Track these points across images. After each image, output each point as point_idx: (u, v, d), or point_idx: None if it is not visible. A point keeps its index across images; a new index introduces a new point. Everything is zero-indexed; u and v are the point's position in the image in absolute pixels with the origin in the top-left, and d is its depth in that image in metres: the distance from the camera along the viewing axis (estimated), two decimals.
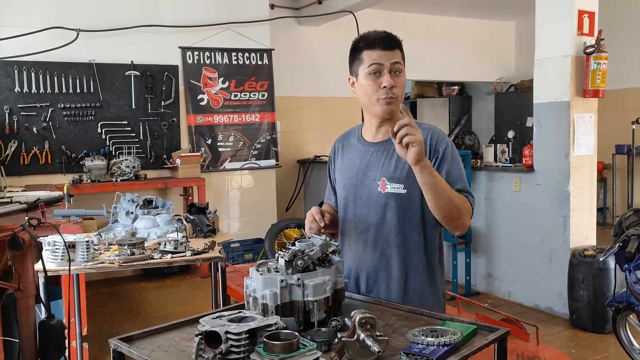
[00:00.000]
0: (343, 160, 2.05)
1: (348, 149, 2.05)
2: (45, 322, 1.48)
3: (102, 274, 6.02)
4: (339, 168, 2.07)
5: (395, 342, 1.53)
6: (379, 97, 1.87)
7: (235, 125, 6.73)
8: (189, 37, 6.39)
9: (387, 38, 1.89)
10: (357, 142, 2.03)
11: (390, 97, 1.86)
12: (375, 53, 1.87)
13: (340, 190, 2.05)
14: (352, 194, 1.98)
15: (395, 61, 1.87)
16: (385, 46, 1.87)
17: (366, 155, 1.97)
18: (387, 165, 1.91)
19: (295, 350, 1.28)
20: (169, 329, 1.68)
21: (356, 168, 1.98)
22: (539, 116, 4.75)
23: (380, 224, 1.91)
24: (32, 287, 1.44)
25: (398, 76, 1.88)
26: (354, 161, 2.00)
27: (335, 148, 2.12)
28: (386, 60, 1.86)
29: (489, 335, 1.54)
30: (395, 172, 1.89)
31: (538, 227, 4.79)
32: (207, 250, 2.73)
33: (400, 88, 1.89)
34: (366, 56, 1.88)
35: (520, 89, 9.15)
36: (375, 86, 1.87)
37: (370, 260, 1.94)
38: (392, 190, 1.89)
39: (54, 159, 5.78)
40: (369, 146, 1.97)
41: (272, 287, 1.62)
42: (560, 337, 4.27)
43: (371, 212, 1.92)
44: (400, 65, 1.89)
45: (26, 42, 5.55)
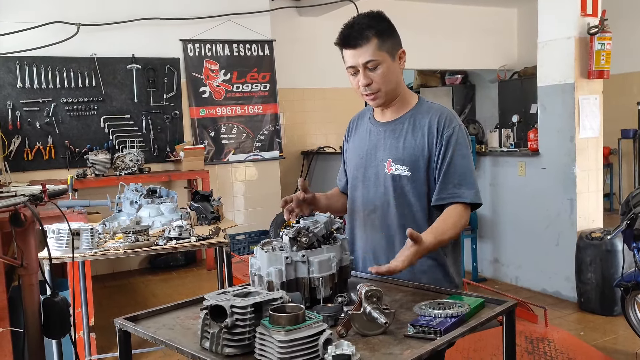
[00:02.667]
0: (355, 139, 2.04)
1: (360, 128, 2.03)
2: (49, 299, 1.47)
3: (108, 268, 6.04)
4: (351, 148, 2.05)
5: (402, 317, 1.52)
6: (361, 93, 1.87)
7: (238, 117, 6.72)
8: (189, 30, 6.37)
9: (353, 34, 1.80)
10: (368, 121, 2.01)
11: (369, 93, 1.84)
12: (348, 53, 1.83)
13: (350, 170, 2.03)
14: (361, 174, 1.97)
15: (367, 60, 1.79)
16: (354, 45, 1.80)
17: (376, 135, 1.95)
18: (394, 146, 1.88)
19: (301, 322, 1.27)
20: (174, 308, 1.67)
21: (366, 148, 1.96)
22: (543, 99, 4.72)
23: (386, 205, 1.89)
24: (35, 264, 1.43)
25: (375, 71, 1.81)
26: (364, 141, 1.98)
27: (350, 127, 2.10)
28: (357, 59, 1.80)
29: (496, 308, 1.53)
30: (401, 154, 1.86)
31: (544, 211, 4.76)
32: (212, 236, 2.72)
33: (381, 81, 1.82)
34: (344, 54, 1.86)
35: (523, 76, 9.09)
36: (355, 83, 1.87)
37: (378, 242, 1.93)
38: (397, 172, 1.86)
39: (57, 154, 5.79)
40: (379, 126, 1.95)
41: (277, 264, 1.61)
42: (569, 320, 4.25)
43: (378, 194, 1.91)
44: (375, 61, 1.79)
45: (27, 38, 5.54)
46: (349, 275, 1.76)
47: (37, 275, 1.44)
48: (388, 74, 1.83)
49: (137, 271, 6.18)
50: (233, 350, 1.30)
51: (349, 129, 2.09)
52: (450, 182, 1.80)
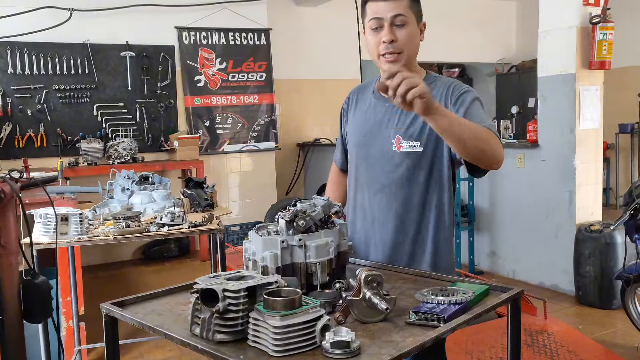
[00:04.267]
0: (356, 114, 1.92)
1: (363, 103, 1.91)
2: (29, 281, 1.40)
3: (100, 258, 5.95)
4: (352, 123, 1.94)
5: (403, 303, 1.45)
6: (379, 52, 1.75)
7: (233, 107, 6.63)
8: (184, 17, 6.26)
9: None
10: (372, 95, 1.89)
11: (390, 52, 1.72)
12: (376, 5, 1.73)
13: (351, 147, 1.92)
14: (364, 152, 1.86)
15: (397, 13, 1.71)
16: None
17: (381, 109, 1.84)
18: (402, 122, 1.77)
19: (297, 307, 1.20)
20: (165, 294, 1.60)
21: (370, 124, 1.85)
22: (543, 90, 4.65)
23: (394, 185, 1.79)
24: (14, 243, 1.36)
25: (401, 29, 1.72)
26: (368, 116, 1.86)
27: (349, 100, 1.98)
28: (386, 13, 1.71)
29: (502, 295, 1.46)
30: (411, 129, 1.75)
31: (543, 203, 4.70)
32: (205, 223, 2.64)
33: (406, 41, 1.73)
34: (368, 9, 1.76)
35: (521, 69, 9.03)
36: (376, 41, 1.75)
37: (384, 223, 1.82)
38: (407, 148, 1.76)
39: (49, 141, 5.68)
40: (384, 100, 1.80)
41: (272, 248, 1.54)
42: (567, 313, 4.20)
43: (384, 172, 1.80)
44: (404, 17, 1.72)
45: (18, 23, 5.43)
46: (347, 261, 1.69)
47: (16, 255, 1.36)
48: (414, 37, 1.75)
49: (129, 262, 6.09)
50: (225, 336, 1.23)
51: (349, 102, 1.98)
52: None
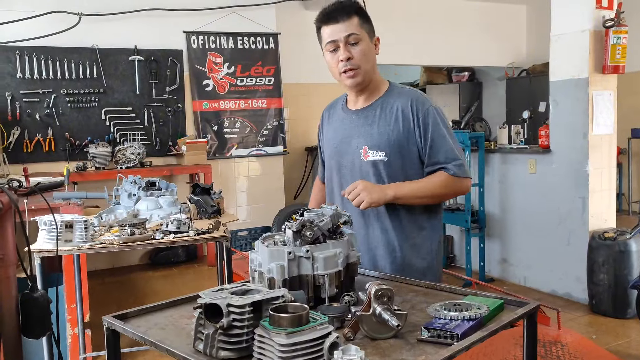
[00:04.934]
0: (329, 128, 2.05)
1: (333, 117, 2.04)
2: (28, 295, 1.36)
3: (107, 263, 5.93)
4: (326, 137, 2.06)
5: (415, 318, 1.40)
6: (340, 71, 1.87)
7: (241, 111, 6.60)
8: (193, 21, 6.24)
9: (336, 9, 1.84)
10: (340, 110, 2.02)
11: (349, 68, 1.84)
12: (329, 29, 1.85)
13: (327, 159, 2.04)
14: (336, 163, 1.98)
15: (350, 33, 1.82)
16: (337, 19, 1.83)
17: (349, 123, 1.95)
18: (368, 132, 1.89)
19: (304, 323, 1.15)
20: (168, 306, 1.56)
21: (340, 137, 1.97)
22: (555, 94, 4.58)
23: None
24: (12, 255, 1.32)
25: (355, 46, 1.84)
26: (338, 130, 1.99)
27: (323, 117, 2.12)
28: (340, 34, 1.83)
29: (517, 310, 1.40)
30: (376, 140, 1.86)
31: (555, 209, 4.63)
32: (212, 231, 2.60)
33: (360, 57, 1.85)
34: (323, 33, 1.88)
35: (532, 73, 8.93)
36: (335, 61, 1.87)
37: (357, 230, 1.88)
38: (373, 157, 1.87)
39: (57, 146, 5.68)
40: (351, 114, 1.96)
41: (278, 259, 1.49)
42: (580, 322, 4.12)
43: (355, 180, 1.87)
44: (357, 35, 1.83)
45: (27, 27, 5.43)
46: (357, 273, 1.64)
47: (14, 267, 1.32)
48: (367, 53, 1.86)
49: (137, 267, 6.07)
50: (229, 353, 1.19)
51: (322, 119, 2.11)
52: (431, 155, 1.84)
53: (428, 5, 8.28)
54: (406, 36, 7.88)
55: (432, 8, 8.33)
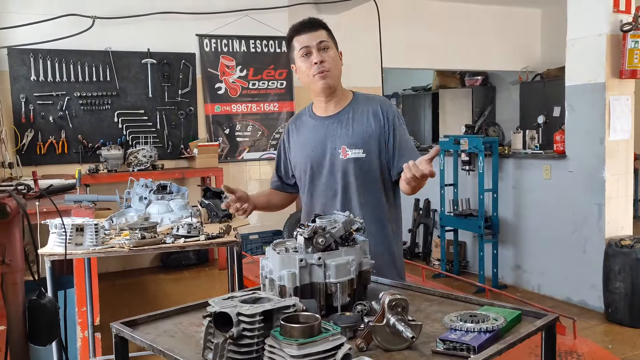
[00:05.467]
0: (299, 138, 2.21)
1: (301, 128, 2.21)
2: (35, 301, 1.34)
3: (118, 265, 5.94)
4: (295, 147, 2.22)
5: (429, 329, 1.36)
6: (312, 74, 2.05)
7: (253, 114, 6.59)
8: (206, 25, 6.25)
9: (310, 22, 2.10)
10: (309, 119, 2.19)
11: (321, 70, 2.04)
12: (302, 37, 2.08)
13: (302, 165, 2.18)
14: (316, 165, 2.13)
15: (320, 40, 2.06)
16: (309, 29, 2.08)
17: (322, 128, 2.13)
18: (344, 134, 2.09)
19: (316, 334, 1.12)
20: (177, 313, 1.53)
21: (314, 142, 2.14)
22: (571, 99, 4.51)
23: (346, 187, 2.08)
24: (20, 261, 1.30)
25: (327, 52, 2.06)
26: (310, 136, 2.16)
27: (289, 130, 2.27)
28: (312, 41, 2.06)
29: (536, 322, 1.36)
30: (354, 140, 2.07)
31: (570, 216, 4.56)
32: (222, 235, 2.58)
33: (331, 61, 2.06)
34: (296, 42, 2.09)
35: (546, 78, 8.84)
36: (307, 65, 2.06)
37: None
38: (353, 155, 2.07)
39: (70, 148, 5.70)
40: (323, 120, 2.14)
41: (290, 267, 1.46)
42: (596, 331, 4.04)
43: (336, 178, 2.08)
44: (327, 42, 2.07)
45: (42, 30, 5.46)
46: (369, 281, 1.60)
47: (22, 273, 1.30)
48: (336, 59, 2.09)
49: (148, 269, 6.07)
50: None
51: (288, 132, 2.26)
52: (403, 157, 2.01)
53: (442, 10, 8.23)
54: (419, 40, 7.83)
55: (446, 12, 8.28)
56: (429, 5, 8.14)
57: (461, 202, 5.47)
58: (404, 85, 10.80)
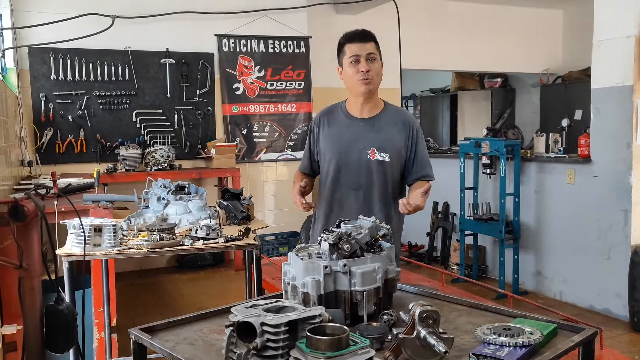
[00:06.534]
0: (330, 131, 2.46)
1: (334, 122, 2.47)
2: (52, 307, 1.30)
3: (135, 265, 5.94)
4: (325, 138, 2.47)
5: (460, 341, 1.30)
6: (358, 79, 2.34)
7: (271, 115, 6.55)
8: (224, 24, 6.23)
9: (363, 34, 2.37)
10: (343, 116, 2.46)
11: (366, 78, 2.33)
12: (355, 46, 2.34)
13: (330, 155, 2.45)
14: (344, 158, 2.41)
15: (369, 52, 2.33)
16: (361, 40, 2.35)
17: (354, 128, 2.41)
18: (375, 138, 2.38)
19: (344, 347, 1.07)
20: (197, 319, 1.48)
21: (347, 138, 2.41)
22: (597, 102, 4.40)
23: (369, 184, 2.39)
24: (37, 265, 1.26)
25: (373, 62, 2.34)
26: (343, 132, 2.43)
27: (320, 121, 2.51)
28: (362, 51, 2.33)
29: (574, 337, 1.29)
30: (383, 144, 2.38)
31: (594, 222, 4.44)
32: (241, 238, 2.53)
33: (375, 71, 2.35)
34: (347, 49, 2.36)
35: (568, 80, 8.68)
36: (355, 71, 2.34)
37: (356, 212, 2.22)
38: (379, 158, 2.38)
39: (89, 147, 5.71)
40: (357, 121, 2.43)
41: (314, 274, 1.41)
42: (621, 341, 3.93)
43: (361, 175, 2.39)
44: (374, 54, 2.34)
45: (62, 29, 5.48)
46: (395, 289, 1.55)
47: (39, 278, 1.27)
48: (379, 70, 2.38)
49: (164, 269, 6.06)
50: None
51: (319, 122, 2.51)
52: (420, 166, 2.42)
53: (461, 11, 8.13)
54: (439, 42, 7.74)
55: (466, 14, 8.18)
56: (449, 6, 8.04)
57: (481, 206, 5.38)
58: (421, 86, 10.69)
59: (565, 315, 3.24)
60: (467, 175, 5.36)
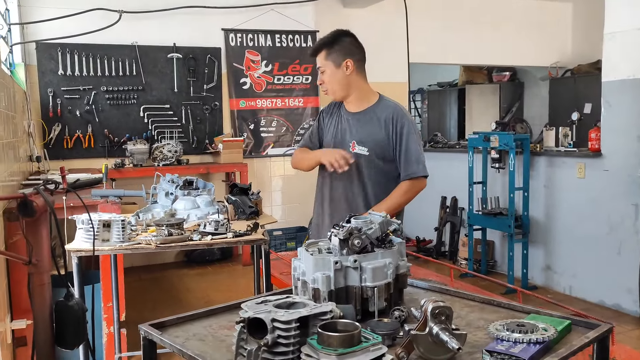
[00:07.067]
0: (332, 121, 2.62)
1: (335, 115, 2.63)
2: (62, 303, 1.30)
3: (143, 260, 5.95)
4: (329, 125, 2.63)
5: (473, 338, 1.28)
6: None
7: (278, 110, 6.54)
8: (231, 19, 6.21)
9: (312, 49, 2.61)
10: (340, 110, 2.62)
11: (324, 89, 2.59)
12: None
13: (328, 145, 2.60)
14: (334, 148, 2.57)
15: (319, 66, 2.55)
16: (311, 55, 2.60)
17: (346, 122, 2.58)
18: (357, 132, 2.52)
19: (356, 343, 1.05)
20: (207, 315, 1.48)
21: (338, 130, 2.58)
22: (608, 95, 4.36)
23: (349, 174, 2.49)
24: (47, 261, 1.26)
25: (323, 74, 2.54)
26: (338, 124, 2.60)
27: (332, 107, 2.66)
28: (317, 65, 2.56)
29: (588, 333, 1.27)
30: (363, 138, 2.49)
31: (605, 216, 4.41)
32: (250, 233, 2.52)
33: (327, 81, 2.54)
34: None
35: (577, 73, 8.60)
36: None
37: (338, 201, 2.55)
38: (358, 151, 2.50)
39: (96, 142, 5.72)
40: (348, 115, 2.59)
41: (324, 269, 1.40)
42: (631, 336, 3.90)
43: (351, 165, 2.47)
44: (322, 67, 2.53)
45: (69, 24, 5.48)
46: (406, 285, 1.53)
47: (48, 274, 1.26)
48: (331, 77, 2.52)
49: (172, 264, 6.08)
50: None
51: (331, 108, 2.66)
52: (406, 163, 2.45)
53: (470, 4, 8.06)
54: (447, 35, 7.68)
55: (474, 6, 8.10)
56: (455, 1, 7.97)
57: (490, 201, 5.34)
58: (429, 80, 10.63)
59: (576, 311, 3.22)
60: (475, 170, 5.32)
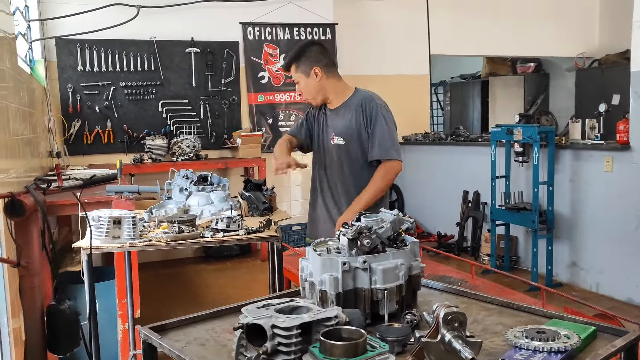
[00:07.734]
0: (317, 118, 2.83)
1: (321, 113, 2.82)
2: (54, 307, 1.25)
3: (161, 255, 5.95)
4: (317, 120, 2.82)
5: (489, 345, 1.20)
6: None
7: (296, 104, 6.47)
8: (249, 12, 6.16)
9: (283, 66, 2.85)
10: (325, 109, 2.81)
11: (305, 99, 2.79)
12: None
13: (315, 141, 2.83)
14: (318, 145, 2.82)
15: (294, 78, 2.75)
16: (285, 71, 2.84)
17: (327, 118, 2.79)
18: (335, 124, 2.73)
19: (361, 353, 0.98)
20: (211, 317, 1.42)
21: (321, 124, 2.80)
22: (637, 86, 4.19)
23: (333, 165, 2.73)
24: (37, 263, 1.21)
25: (299, 85, 2.75)
26: (322, 122, 2.80)
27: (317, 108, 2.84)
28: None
29: (615, 341, 1.18)
30: (340, 129, 2.69)
31: (634, 211, 4.25)
32: (262, 229, 2.47)
33: (304, 91, 2.74)
34: None
35: (604, 64, 8.35)
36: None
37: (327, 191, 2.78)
38: (336, 142, 2.71)
39: (116, 138, 5.74)
40: (329, 112, 2.79)
41: (332, 270, 1.33)
42: None
43: (327, 157, 2.76)
44: (295, 79, 2.74)
45: (88, 20, 5.49)
46: (420, 287, 1.46)
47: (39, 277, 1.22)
48: (306, 86, 2.72)
49: (190, 259, 6.08)
50: None
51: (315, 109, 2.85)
52: (376, 146, 2.61)
53: None
54: (469, 26, 7.51)
55: None
56: None
57: (513, 195, 5.21)
58: (451, 72, 10.45)
59: (602, 310, 3.10)
60: (498, 164, 5.19)
